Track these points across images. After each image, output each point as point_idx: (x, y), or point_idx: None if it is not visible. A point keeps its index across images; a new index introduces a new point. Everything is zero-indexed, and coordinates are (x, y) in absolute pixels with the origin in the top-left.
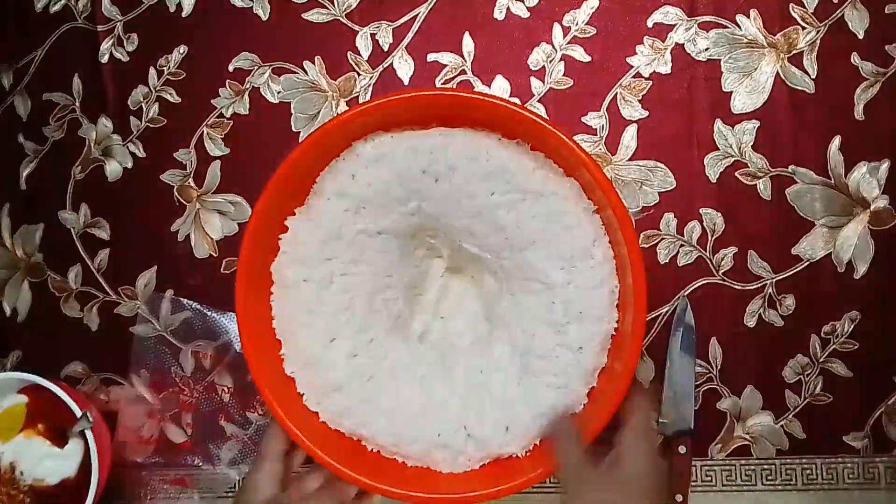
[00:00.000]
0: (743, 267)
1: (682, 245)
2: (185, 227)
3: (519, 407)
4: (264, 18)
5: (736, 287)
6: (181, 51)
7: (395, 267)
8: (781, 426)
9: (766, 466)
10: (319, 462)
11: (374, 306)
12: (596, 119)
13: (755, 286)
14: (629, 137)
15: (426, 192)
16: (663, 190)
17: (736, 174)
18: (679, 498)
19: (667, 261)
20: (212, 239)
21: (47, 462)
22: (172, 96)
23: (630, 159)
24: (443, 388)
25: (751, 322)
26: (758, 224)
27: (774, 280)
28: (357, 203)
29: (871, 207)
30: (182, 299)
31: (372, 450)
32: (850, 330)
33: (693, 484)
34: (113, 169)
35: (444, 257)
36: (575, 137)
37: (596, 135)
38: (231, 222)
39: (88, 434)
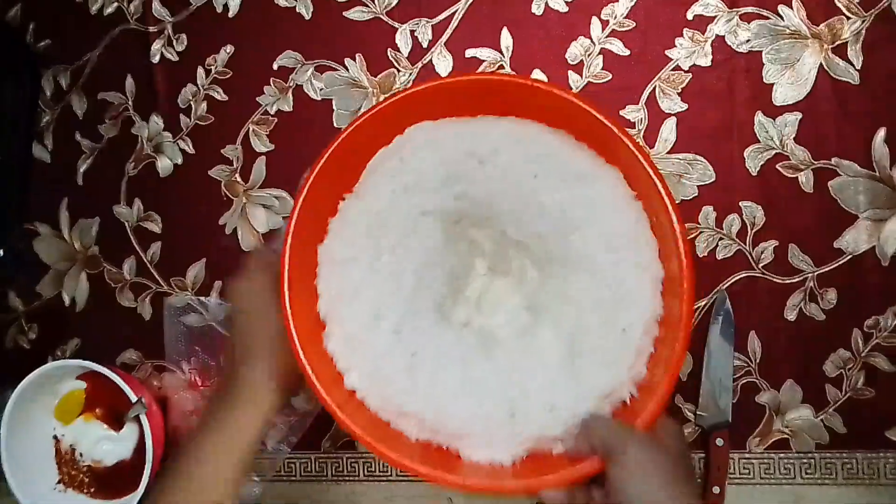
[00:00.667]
0: (783, 260)
1: (721, 238)
2: (232, 221)
3: (563, 387)
4: (307, 17)
5: (776, 280)
6: (227, 50)
7: (440, 253)
8: (821, 420)
9: (805, 460)
10: (353, 436)
11: (420, 287)
12: (634, 112)
13: (796, 280)
14: (668, 130)
15: (471, 176)
16: (703, 183)
17: (777, 167)
18: (716, 490)
19: (706, 254)
20: (257, 232)
21: (104, 444)
22: (220, 94)
23: (669, 152)
24: (485, 366)
25: (791, 316)
26: (799, 217)
27: (816, 274)
28: (404, 184)
29: None
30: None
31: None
32: (894, 324)
33: (731, 476)
34: (164, 165)
35: (487, 253)
36: None
37: (635, 128)
38: (276, 216)
39: (143, 418)
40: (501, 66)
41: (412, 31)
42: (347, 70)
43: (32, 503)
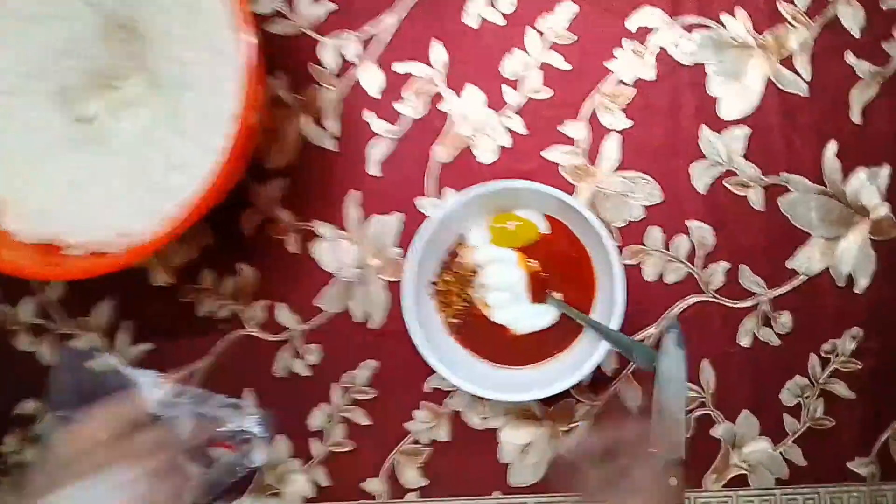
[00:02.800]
0: (735, 283)
1: (669, 261)
2: None
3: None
4: None
5: (728, 304)
6: None
7: (89, 45)
8: (780, 453)
9: (765, 497)
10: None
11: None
12: (576, 129)
13: (749, 303)
14: (611, 148)
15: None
16: (649, 203)
17: (725, 184)
18: None
19: (654, 279)
20: (169, 266)
21: None
22: None
23: (613, 171)
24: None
25: (745, 342)
26: (750, 237)
27: (769, 296)
28: None
29: (872, 216)
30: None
31: None
32: (852, 348)
33: None
34: None
35: (151, 69)
36: (554, 148)
37: (576, 145)
38: (190, 246)
39: None
40: (434, 82)
41: (339, 47)
42: (272, 89)
43: None
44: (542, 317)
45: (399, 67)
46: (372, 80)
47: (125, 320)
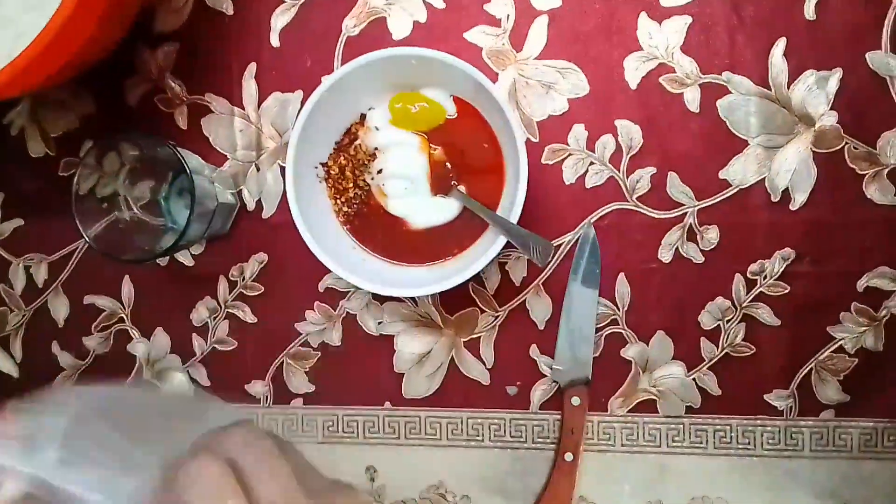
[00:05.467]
0: (661, 191)
1: (591, 163)
2: (18, 120)
3: None
4: None
5: (651, 214)
6: None
7: None
8: (693, 379)
9: (673, 425)
10: None
11: None
12: (500, 6)
13: (674, 214)
14: (538, 31)
15: None
16: (574, 96)
17: (660, 80)
18: (569, 457)
19: (573, 181)
20: (47, 134)
21: None
22: None
23: (538, 57)
24: None
25: (666, 256)
26: (682, 141)
27: (697, 208)
28: None
29: (816, 126)
30: None
31: None
32: (781, 270)
33: (587, 441)
34: None
35: None
36: (475, 28)
37: (499, 26)
38: (70, 114)
39: None
40: None
41: None
42: None
43: None
44: (442, 211)
45: None
46: None
47: None
